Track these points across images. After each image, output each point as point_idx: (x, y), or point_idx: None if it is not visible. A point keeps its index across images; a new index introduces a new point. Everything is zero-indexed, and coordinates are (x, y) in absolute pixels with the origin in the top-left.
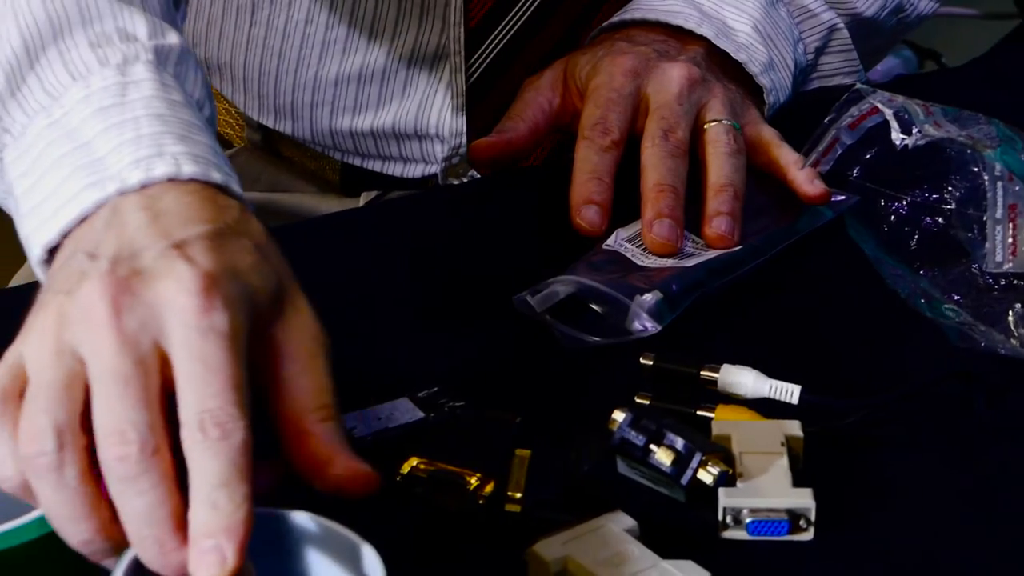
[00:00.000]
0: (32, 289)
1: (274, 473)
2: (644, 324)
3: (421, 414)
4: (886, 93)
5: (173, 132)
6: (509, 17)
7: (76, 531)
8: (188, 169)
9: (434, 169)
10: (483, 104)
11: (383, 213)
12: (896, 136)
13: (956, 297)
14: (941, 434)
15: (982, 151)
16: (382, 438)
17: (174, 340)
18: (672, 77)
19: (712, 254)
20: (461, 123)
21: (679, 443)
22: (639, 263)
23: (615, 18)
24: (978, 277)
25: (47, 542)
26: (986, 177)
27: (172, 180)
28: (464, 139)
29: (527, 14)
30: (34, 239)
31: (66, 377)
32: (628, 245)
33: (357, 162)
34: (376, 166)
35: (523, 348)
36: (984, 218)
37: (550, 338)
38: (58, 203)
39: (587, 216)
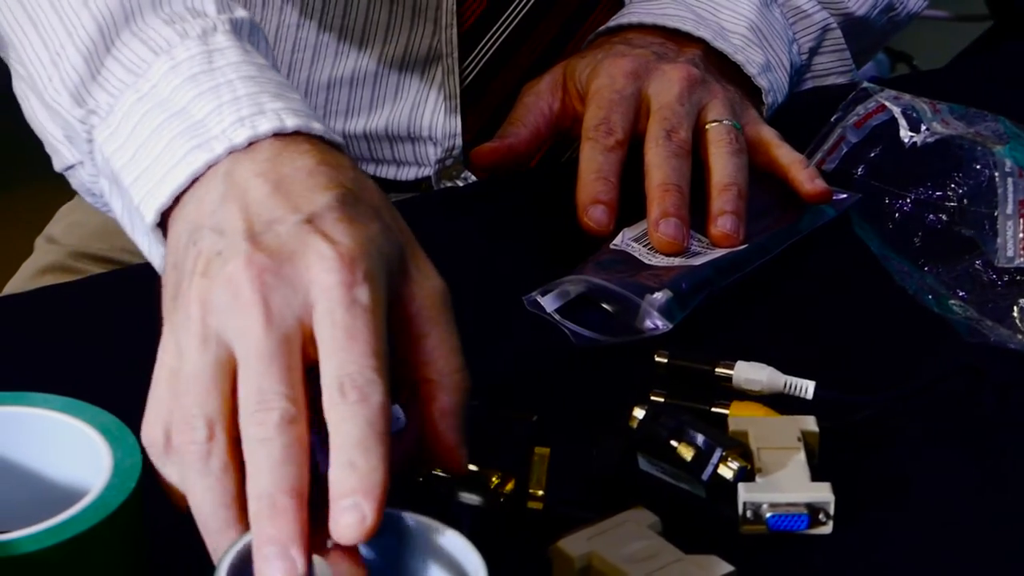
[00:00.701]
0: (27, 297)
1: (411, 442)
2: (655, 322)
3: None
4: (892, 91)
5: (268, 91)
6: (502, 19)
7: (215, 519)
8: (291, 122)
9: (427, 172)
10: (477, 106)
11: None
12: (904, 134)
13: (961, 293)
14: (952, 428)
15: (992, 147)
16: (398, 438)
17: (320, 316)
18: (673, 78)
19: (719, 253)
20: (455, 125)
21: (699, 439)
22: (647, 262)
23: (612, 22)
24: (982, 273)
25: (81, 543)
26: (996, 173)
27: (277, 135)
28: (458, 140)
29: (520, 16)
30: (146, 205)
31: (214, 365)
32: (635, 244)
33: None
34: (369, 169)
35: (535, 347)
36: (995, 214)
37: (561, 337)
38: (165, 169)
39: (594, 216)
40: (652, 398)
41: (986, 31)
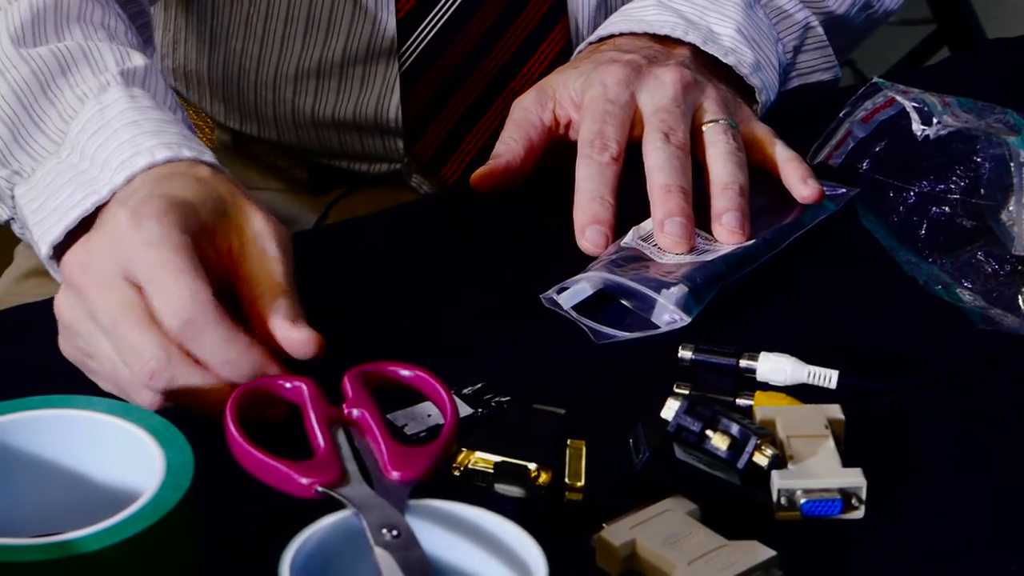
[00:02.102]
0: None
1: (447, 437)
2: (673, 317)
3: (470, 410)
4: (900, 86)
5: (146, 131)
6: (437, 9)
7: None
8: (161, 155)
9: (398, 166)
10: (416, 90)
11: (391, 218)
12: (917, 127)
13: (967, 283)
14: (970, 413)
15: (1006, 138)
16: (435, 435)
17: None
18: (666, 81)
19: (728, 248)
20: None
21: (734, 428)
22: (659, 259)
23: (601, 31)
24: (984, 264)
25: (142, 540)
26: (1011, 164)
27: (151, 167)
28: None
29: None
30: (42, 241)
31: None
32: (644, 243)
33: (324, 161)
34: (343, 164)
35: (556, 344)
36: (1000, 205)
37: (579, 333)
38: (61, 213)
39: (591, 237)
40: (677, 390)
41: (929, 35)
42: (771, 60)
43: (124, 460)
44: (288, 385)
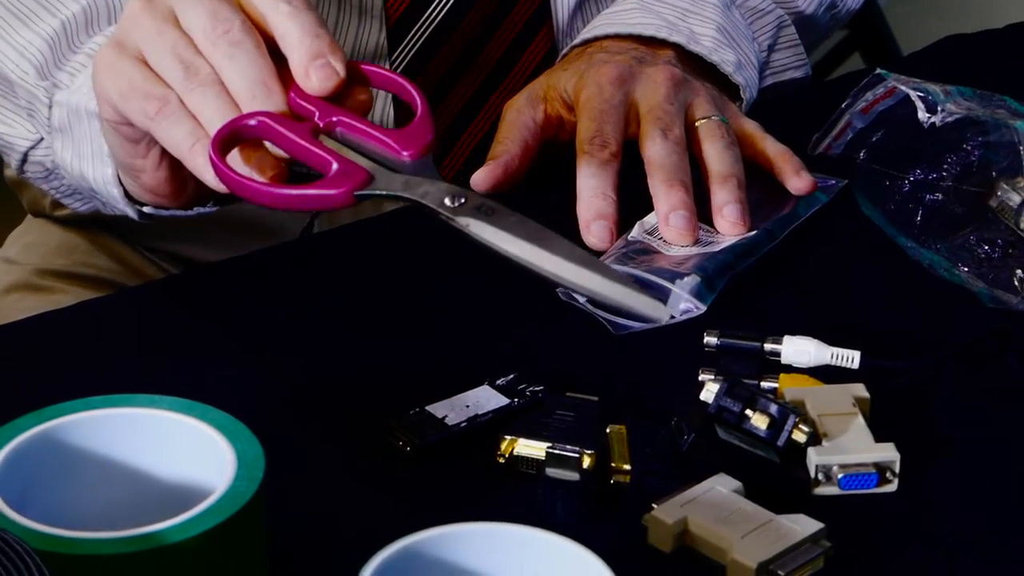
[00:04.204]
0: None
1: None
2: (688, 306)
3: (505, 400)
4: (902, 76)
5: None
6: (427, 15)
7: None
8: None
9: None
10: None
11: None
12: (923, 115)
13: (964, 267)
14: (985, 388)
15: (1012, 123)
16: (476, 424)
17: None
18: (658, 80)
19: (732, 239)
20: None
21: (772, 408)
22: (666, 251)
23: (586, 34)
24: (976, 248)
25: (224, 530)
26: (1020, 147)
27: None
28: None
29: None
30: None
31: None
32: (650, 236)
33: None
34: None
35: (576, 336)
36: (1020, 187)
37: (597, 326)
38: None
39: (597, 232)
40: (702, 376)
41: (840, 41)
42: (750, 58)
43: (190, 456)
44: (252, 122)
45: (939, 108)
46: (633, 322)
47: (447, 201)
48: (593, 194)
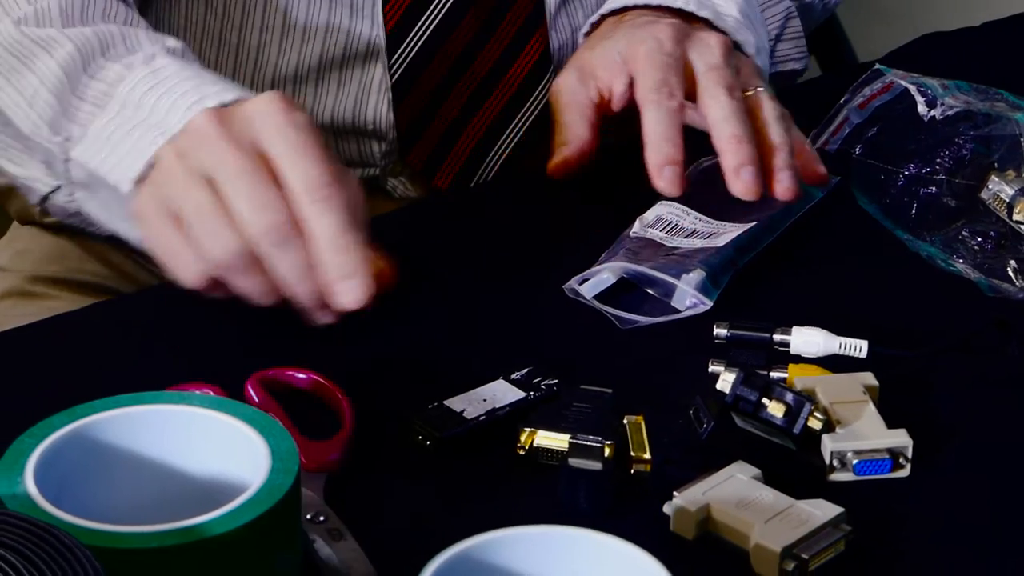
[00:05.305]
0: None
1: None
2: (694, 301)
3: (522, 393)
4: (900, 71)
5: (207, 81)
6: (427, 14)
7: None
8: (230, 96)
9: (374, 171)
10: (409, 98)
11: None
12: (923, 109)
13: (959, 259)
14: (988, 375)
15: (1012, 115)
16: (494, 417)
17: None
18: (712, 44)
19: (734, 232)
20: (393, 119)
21: (788, 396)
22: (669, 245)
23: (615, 3)
24: (969, 240)
25: (265, 521)
26: (1022, 139)
27: (222, 106)
28: (393, 134)
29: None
30: (121, 182)
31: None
32: (652, 230)
33: None
34: None
35: (584, 331)
36: (1011, 180)
37: (602, 319)
38: (138, 152)
39: (668, 176)
40: (712, 367)
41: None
42: (765, 45)
43: (221, 451)
44: (198, 393)
45: (939, 102)
46: (639, 316)
47: (308, 516)
48: (663, 139)
